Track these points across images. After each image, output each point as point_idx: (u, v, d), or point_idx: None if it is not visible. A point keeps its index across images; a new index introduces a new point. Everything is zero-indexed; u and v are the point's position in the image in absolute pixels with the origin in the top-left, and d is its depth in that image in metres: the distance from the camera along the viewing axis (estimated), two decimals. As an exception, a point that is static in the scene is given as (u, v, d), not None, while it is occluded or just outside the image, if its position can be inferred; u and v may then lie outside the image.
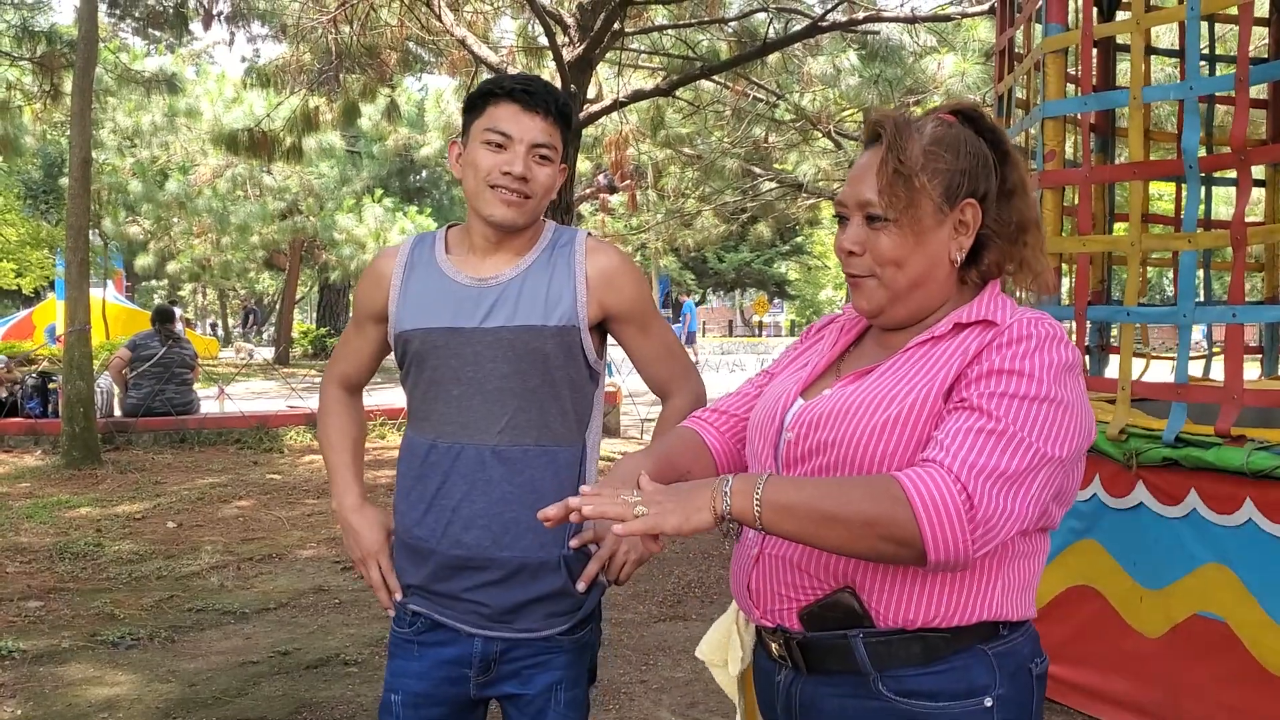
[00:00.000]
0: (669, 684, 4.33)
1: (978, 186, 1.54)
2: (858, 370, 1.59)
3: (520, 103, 2.01)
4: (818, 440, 1.52)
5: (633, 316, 2.11)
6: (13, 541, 6.73)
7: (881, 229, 1.53)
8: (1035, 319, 1.49)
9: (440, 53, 13.28)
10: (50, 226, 25.52)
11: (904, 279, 1.55)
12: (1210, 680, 3.55)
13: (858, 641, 1.50)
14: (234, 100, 20.06)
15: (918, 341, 1.55)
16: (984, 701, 1.48)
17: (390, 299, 2.11)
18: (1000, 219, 1.56)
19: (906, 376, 1.51)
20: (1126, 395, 3.87)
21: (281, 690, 4.29)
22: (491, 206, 2.01)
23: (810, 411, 1.56)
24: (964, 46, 12.11)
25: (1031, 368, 1.43)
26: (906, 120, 1.55)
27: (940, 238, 1.54)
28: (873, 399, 1.50)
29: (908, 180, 1.50)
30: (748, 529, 1.60)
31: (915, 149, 1.51)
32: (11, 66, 14.05)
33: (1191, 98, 3.72)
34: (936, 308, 1.59)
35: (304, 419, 11.88)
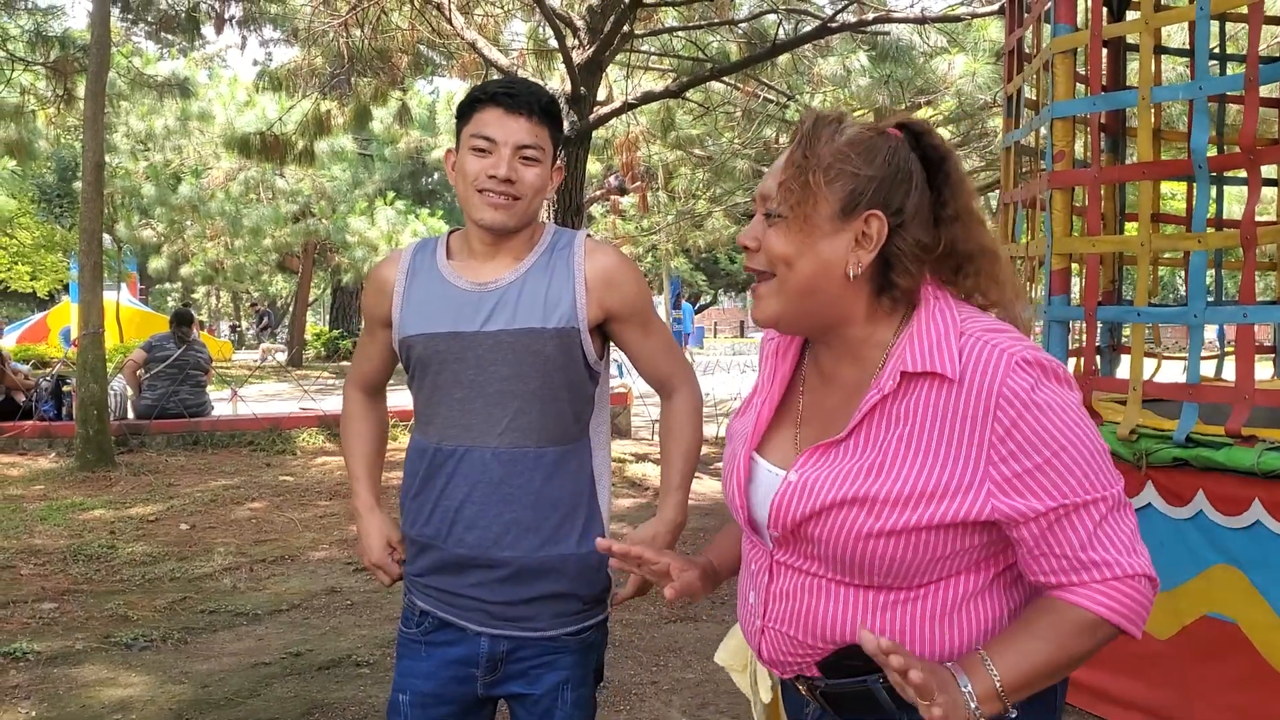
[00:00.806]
0: (679, 685, 4.33)
1: (889, 200, 1.43)
2: (819, 443, 1.49)
3: (503, 106, 2.02)
4: (809, 537, 1.48)
5: (633, 316, 2.12)
6: (27, 544, 6.77)
7: (775, 224, 1.46)
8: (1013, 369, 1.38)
9: (451, 56, 13.31)
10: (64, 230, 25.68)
11: (794, 281, 1.45)
12: (1220, 682, 3.54)
13: (878, 686, 1.48)
14: (246, 104, 20.13)
15: (871, 404, 1.45)
16: (1009, 714, 1.48)
17: (393, 305, 2.13)
18: (923, 242, 1.45)
19: (884, 456, 1.43)
20: (1138, 396, 3.86)
21: (293, 691, 4.31)
22: (480, 211, 2.04)
23: (788, 507, 1.48)
24: (974, 47, 12.09)
25: (1067, 436, 1.39)
26: (832, 119, 1.47)
27: (835, 245, 1.44)
28: (853, 490, 1.43)
29: (807, 175, 1.43)
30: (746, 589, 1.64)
31: (826, 148, 1.44)
32: (26, 71, 14.12)
33: (1201, 97, 3.71)
34: (839, 323, 1.50)
35: (316, 421, 11.91)
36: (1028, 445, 1.37)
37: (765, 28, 11.61)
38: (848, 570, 1.46)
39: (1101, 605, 1.38)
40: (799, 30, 11.11)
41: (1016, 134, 4.96)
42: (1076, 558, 1.39)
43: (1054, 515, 1.38)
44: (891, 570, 1.44)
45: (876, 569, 1.44)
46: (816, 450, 1.49)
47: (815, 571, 1.50)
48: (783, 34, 10.96)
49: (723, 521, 1.80)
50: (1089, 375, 4.17)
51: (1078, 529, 1.39)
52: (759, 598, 1.58)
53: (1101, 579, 1.39)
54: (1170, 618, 3.69)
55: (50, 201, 27.89)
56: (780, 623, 1.54)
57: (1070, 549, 1.39)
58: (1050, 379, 1.39)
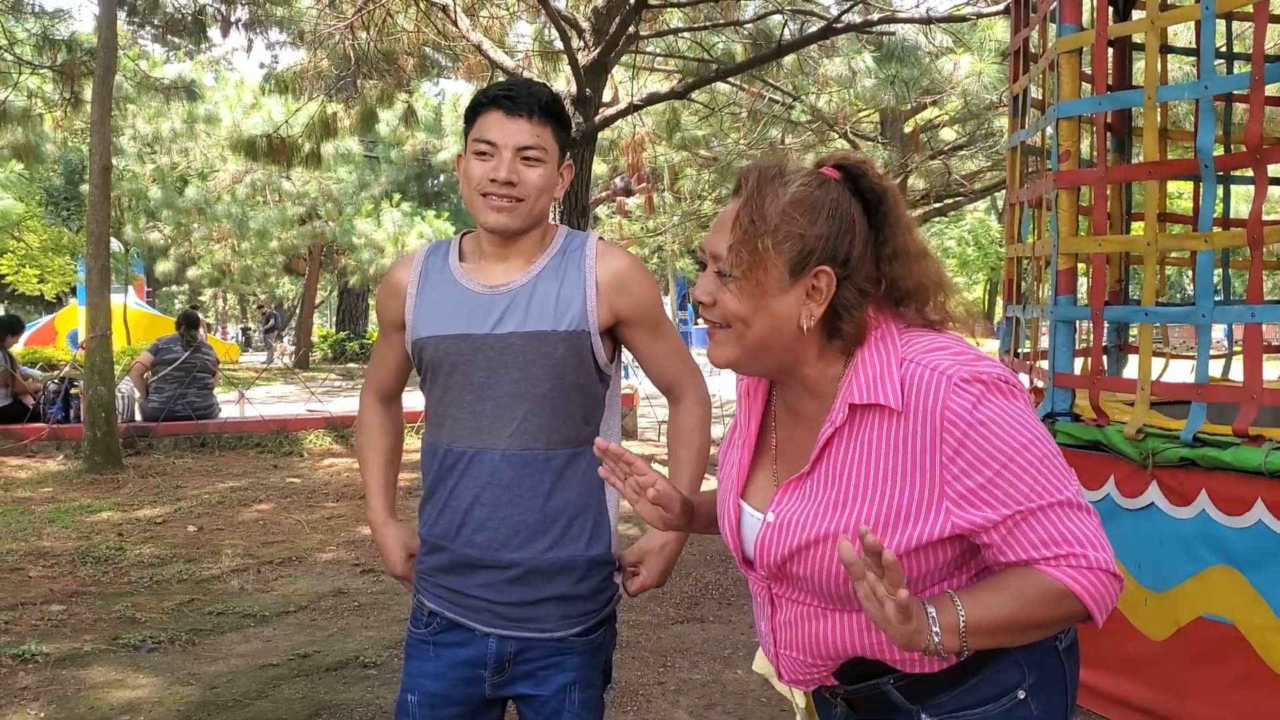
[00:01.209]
0: (686, 686, 4.34)
1: (836, 253, 1.47)
2: (788, 480, 1.56)
3: (503, 109, 2.03)
4: (793, 574, 1.56)
5: (643, 319, 2.12)
6: (35, 546, 6.79)
7: (727, 284, 1.49)
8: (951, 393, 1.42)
9: (457, 58, 13.33)
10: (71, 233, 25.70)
11: (750, 336, 1.50)
12: (1218, 683, 3.53)
13: (890, 688, 1.59)
14: (252, 106, 20.19)
15: (826, 437, 1.50)
16: (1018, 695, 1.57)
17: (406, 307, 2.14)
18: (864, 287, 1.49)
19: (844, 491, 1.49)
20: (1146, 395, 3.85)
21: (301, 693, 4.32)
22: (484, 214, 2.04)
23: (769, 548, 1.56)
24: (980, 46, 12.09)
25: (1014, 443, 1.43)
26: (773, 175, 1.49)
27: (787, 302, 1.48)
28: (822, 527, 1.50)
29: (755, 241, 1.46)
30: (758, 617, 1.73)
31: (772, 208, 1.46)
32: (33, 75, 14.16)
33: (1207, 97, 3.70)
34: (794, 366, 1.54)
35: (323, 423, 11.93)
36: (977, 462, 1.42)
37: (770, 28, 11.61)
38: (835, 599, 1.55)
39: (1071, 580, 1.43)
40: (804, 31, 11.11)
41: (1022, 134, 4.96)
42: (1045, 547, 1.44)
43: (1014, 520, 1.43)
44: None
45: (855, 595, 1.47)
46: (788, 487, 1.56)
47: (809, 602, 1.59)
48: (788, 35, 10.97)
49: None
50: (1096, 375, 4.17)
51: (1039, 529, 1.44)
52: (768, 627, 1.68)
53: (1074, 566, 1.44)
54: (1167, 619, 3.69)
55: (57, 204, 27.95)
56: (790, 648, 1.65)
57: (1036, 544, 1.44)
58: (993, 393, 1.43)
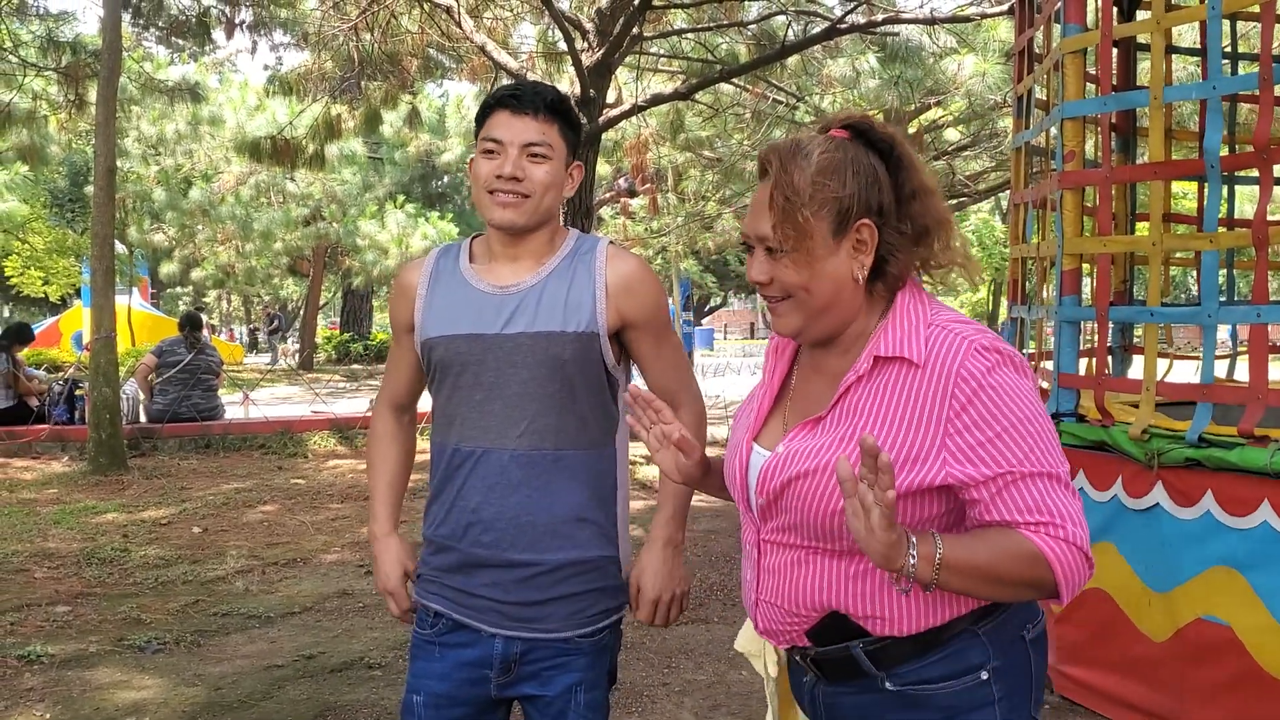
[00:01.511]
0: (691, 687, 4.33)
1: (870, 204, 1.58)
2: (804, 421, 1.66)
3: (509, 108, 2.06)
4: (787, 504, 1.63)
5: (649, 325, 2.13)
6: (41, 547, 6.80)
7: (781, 259, 1.60)
8: (970, 354, 1.53)
9: (460, 59, 13.33)
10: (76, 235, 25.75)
11: (815, 300, 1.61)
12: (1214, 685, 3.53)
13: (858, 651, 1.64)
14: (257, 108, 20.19)
15: (847, 384, 1.61)
16: (980, 675, 1.61)
17: (416, 308, 2.15)
18: (900, 229, 1.61)
19: (855, 428, 1.58)
20: (1151, 396, 3.85)
21: (306, 694, 4.32)
22: (490, 210, 2.06)
23: (772, 473, 1.64)
24: (984, 47, 12.07)
25: (1018, 414, 1.52)
26: (793, 150, 1.59)
27: (839, 260, 1.60)
28: (828, 459, 1.57)
29: (795, 214, 1.56)
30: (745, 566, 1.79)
31: (802, 181, 1.56)
32: (37, 77, 14.18)
33: (1214, 97, 3.70)
34: (853, 321, 1.65)
35: (328, 424, 11.95)
36: (980, 420, 1.51)
37: (774, 29, 11.62)
38: (822, 535, 1.61)
39: (1047, 547, 1.48)
40: (808, 32, 11.11)
41: (1027, 134, 4.95)
42: (1029, 513, 1.51)
43: (1004, 480, 1.51)
44: None
45: (844, 529, 1.54)
46: (802, 427, 1.65)
47: (796, 543, 1.65)
48: (792, 35, 10.98)
49: (733, 524, 1.88)
50: (1101, 376, 4.16)
51: (1026, 494, 1.51)
52: (753, 574, 1.74)
53: (1053, 536, 1.49)
54: (1167, 620, 3.68)
55: (62, 206, 28.00)
56: (771, 595, 1.70)
57: (1021, 509, 1.51)
58: (1007, 365, 1.54)
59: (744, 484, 1.73)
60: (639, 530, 7.23)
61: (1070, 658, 4.08)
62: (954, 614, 1.61)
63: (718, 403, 16.94)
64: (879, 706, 1.65)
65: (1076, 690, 4.06)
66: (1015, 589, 1.51)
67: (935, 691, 1.61)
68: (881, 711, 1.65)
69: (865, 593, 1.61)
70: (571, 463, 2.07)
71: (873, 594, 1.60)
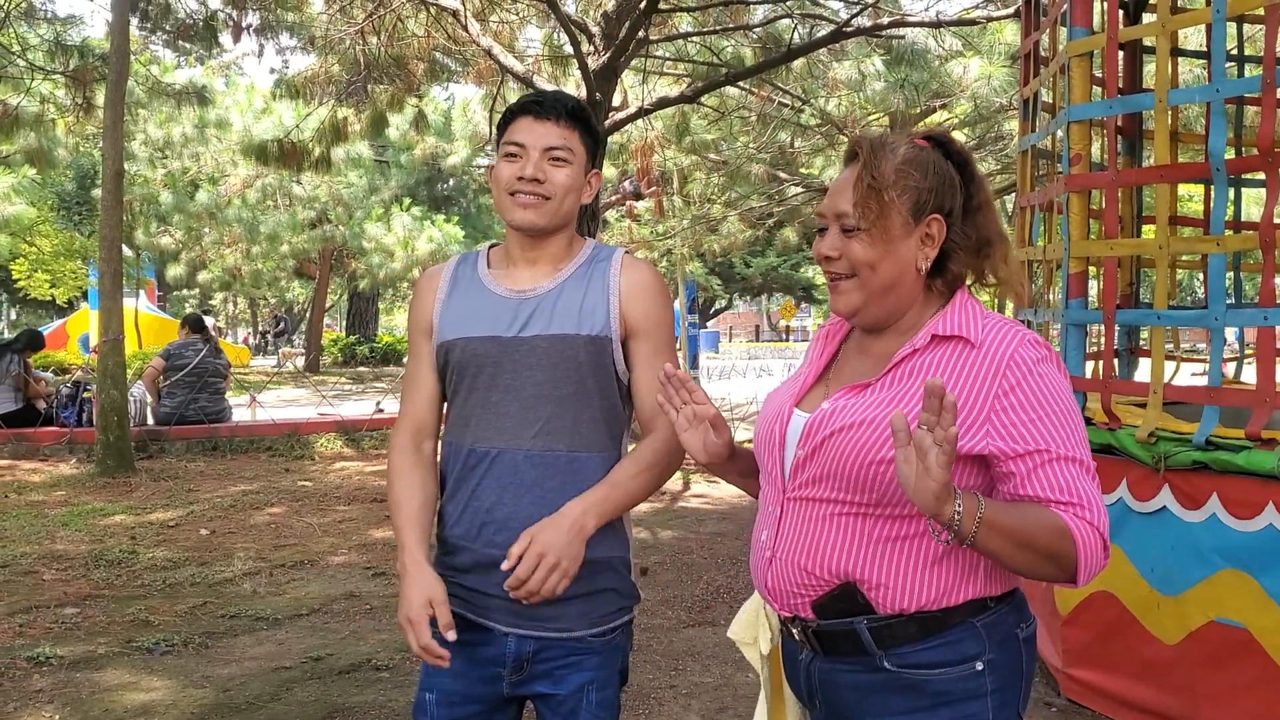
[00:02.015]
0: (698, 689, 4.34)
1: (943, 204, 1.73)
2: (852, 384, 1.75)
3: (532, 113, 2.12)
4: (826, 454, 1.70)
5: (648, 335, 2.13)
6: (49, 549, 6.82)
7: (855, 237, 1.72)
8: (1023, 343, 1.66)
9: (466, 62, 13.36)
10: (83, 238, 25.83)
11: (879, 281, 1.72)
12: (1230, 687, 3.52)
13: (862, 627, 1.70)
14: (263, 111, 20.23)
15: (903, 355, 1.72)
16: (975, 666, 1.69)
17: (434, 311, 2.18)
18: (965, 234, 1.74)
19: (906, 393, 1.68)
20: (1158, 399, 3.85)
21: (314, 695, 4.33)
22: (511, 212, 2.11)
23: (817, 426, 1.72)
24: (989, 50, 12.08)
25: (1059, 404, 1.64)
26: (883, 142, 1.74)
27: (908, 247, 1.72)
28: (876, 414, 1.67)
29: (879, 194, 1.69)
30: (760, 530, 1.84)
31: (888, 167, 1.70)
32: (45, 80, 14.23)
33: (1218, 100, 3.71)
34: (906, 311, 1.76)
35: (334, 426, 11.98)
36: (1027, 403, 1.62)
37: (780, 32, 11.63)
38: (854, 486, 1.67)
39: (1074, 526, 1.58)
40: (814, 35, 11.13)
41: (1033, 137, 4.96)
42: (1061, 493, 1.60)
43: (1042, 458, 1.61)
44: (889, 490, 1.64)
45: (882, 485, 1.64)
46: (849, 389, 1.74)
47: (825, 497, 1.71)
48: (797, 38, 10.98)
49: (740, 527, 1.92)
50: (1107, 379, 4.17)
51: (1059, 475, 1.61)
52: (770, 534, 1.80)
53: (1080, 517, 1.59)
54: (1176, 623, 3.68)
55: (69, 209, 28.07)
56: (788, 552, 1.75)
57: (1054, 488, 1.60)
58: (1053, 361, 1.68)
59: (782, 443, 1.79)
60: (644, 533, 7.25)
61: (1077, 660, 4.08)
62: (959, 599, 1.68)
63: (723, 405, 16.95)
64: (875, 687, 1.71)
65: (1084, 693, 4.06)
66: (1040, 559, 1.57)
67: (931, 677, 1.68)
68: (877, 693, 1.71)
69: (883, 559, 1.68)
70: (584, 464, 2.09)
71: (890, 561, 1.68)
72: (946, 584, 1.68)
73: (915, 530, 1.67)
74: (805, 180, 17.43)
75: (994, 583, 1.71)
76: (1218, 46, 3.73)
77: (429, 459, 2.23)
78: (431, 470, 2.22)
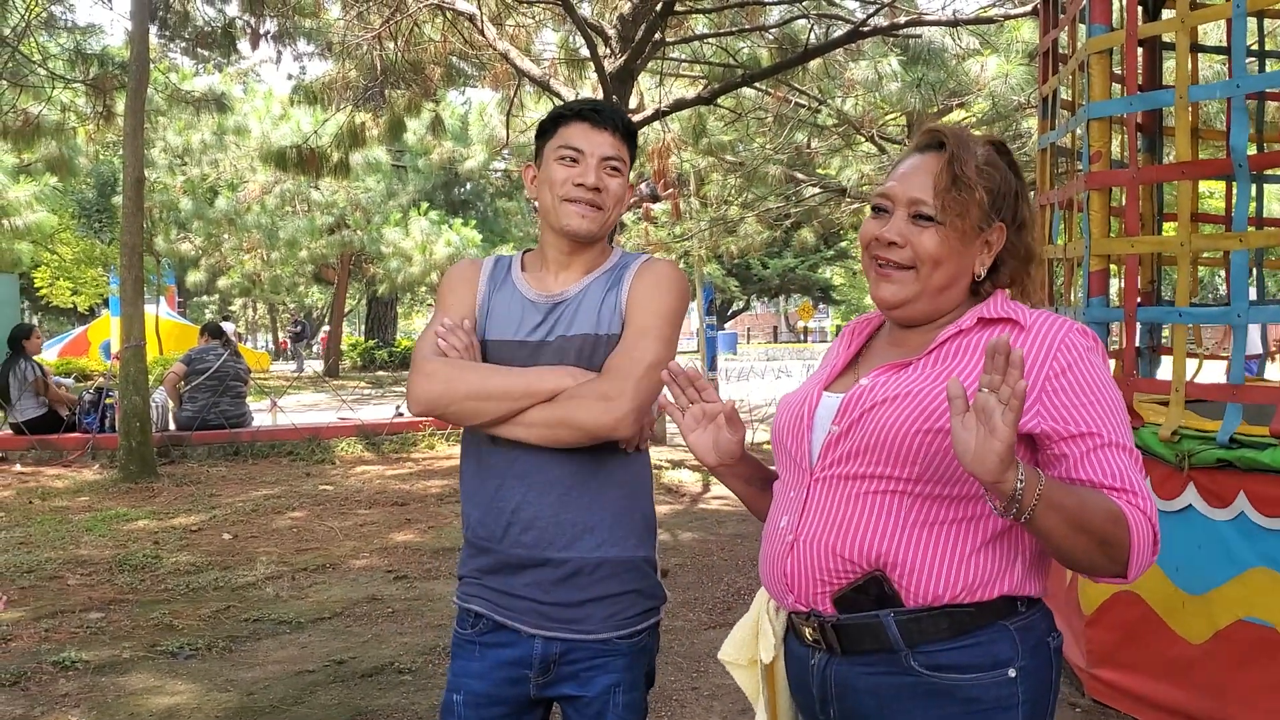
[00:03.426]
0: (720, 691, 4.34)
1: (1007, 211, 1.70)
2: (890, 363, 1.70)
3: (590, 120, 2.13)
4: (864, 427, 1.63)
5: (634, 316, 2.10)
6: (73, 554, 6.87)
7: (928, 228, 1.66)
8: (1073, 330, 1.63)
9: (483, 67, 13.39)
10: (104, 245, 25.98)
11: (939, 278, 1.68)
12: (1258, 686, 3.50)
13: (889, 620, 1.60)
14: (281, 117, 20.34)
15: (948, 335, 1.68)
16: (1008, 672, 1.59)
17: (478, 302, 2.19)
18: (1015, 245, 1.72)
19: (952, 370, 1.64)
20: (1180, 397, 3.83)
21: (337, 699, 4.35)
22: (567, 218, 2.11)
23: (856, 400, 1.66)
24: (1007, 48, 12.03)
25: (1110, 393, 1.60)
26: (966, 137, 1.69)
27: (973, 249, 1.69)
28: (921, 388, 1.62)
29: (967, 190, 1.64)
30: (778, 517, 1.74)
31: (971, 166, 1.65)
32: (66, 89, 14.33)
33: (1239, 95, 3.68)
34: (951, 310, 1.72)
35: (354, 430, 12.01)
36: (1078, 386, 1.58)
37: (796, 33, 11.61)
38: (899, 460, 1.59)
39: (1129, 514, 1.52)
40: (830, 35, 11.10)
41: (1052, 135, 4.94)
42: (1115, 479, 1.55)
43: (1095, 442, 1.56)
44: (934, 463, 1.58)
45: (926, 457, 1.58)
46: (888, 367, 1.69)
47: (862, 473, 1.62)
48: (814, 39, 10.96)
49: (760, 528, 1.88)
50: (1129, 377, 4.14)
51: (1113, 462, 1.56)
52: (793, 519, 1.70)
53: (1134, 505, 1.54)
54: (1205, 622, 3.66)
55: (90, 217, 28.24)
56: (816, 534, 1.65)
57: (1108, 474, 1.56)
58: (1100, 352, 1.64)
59: (809, 424, 1.73)
60: (665, 535, 7.24)
61: (1102, 661, 4.06)
62: (994, 593, 1.60)
63: (741, 407, 16.93)
64: (899, 692, 1.61)
65: (1109, 693, 4.03)
66: (1093, 545, 1.50)
67: (961, 682, 1.58)
68: (901, 699, 1.60)
69: (918, 542, 1.59)
70: (608, 463, 2.10)
71: (926, 544, 1.59)
72: (982, 575, 1.59)
73: (954, 515, 1.59)
74: (822, 181, 17.38)
75: (1030, 581, 1.63)
76: (1238, 41, 3.71)
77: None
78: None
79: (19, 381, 11.08)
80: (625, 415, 1.99)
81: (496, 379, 2.04)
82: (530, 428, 2.03)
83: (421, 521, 7.97)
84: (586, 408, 1.99)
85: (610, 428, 2.00)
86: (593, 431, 2.00)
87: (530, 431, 2.03)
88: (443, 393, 2.05)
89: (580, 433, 2.01)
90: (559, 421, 2.01)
